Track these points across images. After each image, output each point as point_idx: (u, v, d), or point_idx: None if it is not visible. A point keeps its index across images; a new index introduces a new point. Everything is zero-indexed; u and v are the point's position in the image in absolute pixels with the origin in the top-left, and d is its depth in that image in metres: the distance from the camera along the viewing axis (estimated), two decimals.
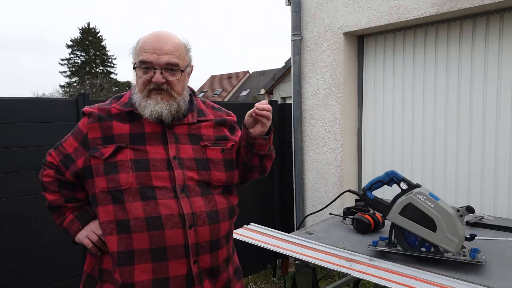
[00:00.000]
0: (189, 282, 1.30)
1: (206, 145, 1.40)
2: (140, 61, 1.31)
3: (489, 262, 1.56)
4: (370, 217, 1.98)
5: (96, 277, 1.37)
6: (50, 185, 1.43)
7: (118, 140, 1.33)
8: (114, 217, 1.28)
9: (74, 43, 39.75)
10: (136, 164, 1.30)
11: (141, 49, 1.32)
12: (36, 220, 2.69)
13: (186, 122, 1.40)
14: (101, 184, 1.30)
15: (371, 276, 1.49)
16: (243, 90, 29.19)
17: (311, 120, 3.90)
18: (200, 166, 1.36)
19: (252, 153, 1.43)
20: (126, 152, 1.31)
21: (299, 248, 1.79)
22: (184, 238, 1.28)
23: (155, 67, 1.30)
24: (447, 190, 3.29)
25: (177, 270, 1.28)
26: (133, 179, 1.28)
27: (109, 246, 1.30)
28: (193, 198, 1.31)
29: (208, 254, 1.33)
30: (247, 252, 2.07)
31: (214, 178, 1.38)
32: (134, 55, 1.35)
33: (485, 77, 3.06)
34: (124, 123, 1.36)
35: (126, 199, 1.27)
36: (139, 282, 1.26)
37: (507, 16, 2.93)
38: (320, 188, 3.90)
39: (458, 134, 3.21)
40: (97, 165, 1.31)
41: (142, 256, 1.26)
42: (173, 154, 1.34)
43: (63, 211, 1.44)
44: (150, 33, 1.36)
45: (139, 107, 1.33)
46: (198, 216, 1.30)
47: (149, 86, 1.32)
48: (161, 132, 1.35)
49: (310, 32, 3.83)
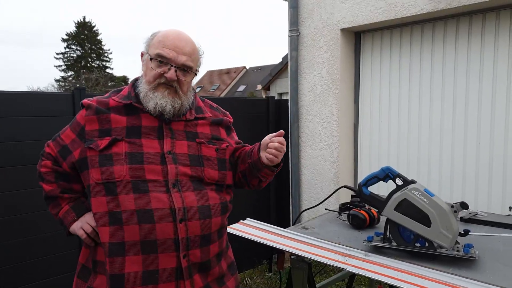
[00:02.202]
0: (178, 275, 1.31)
1: (201, 142, 1.42)
2: (159, 54, 1.33)
3: (482, 257, 1.58)
4: (366, 212, 1.99)
5: (90, 267, 1.39)
6: (47, 175, 1.44)
7: (114, 132, 1.34)
8: (107, 208, 1.29)
9: (70, 37, 39.44)
10: (130, 157, 1.31)
11: (161, 43, 1.34)
12: (32, 214, 2.68)
13: (183, 119, 1.41)
14: (95, 176, 1.31)
15: (366, 271, 1.50)
16: (240, 86, 29.12)
17: (308, 116, 3.91)
18: (193, 162, 1.38)
19: (254, 174, 1.47)
20: (122, 144, 1.32)
21: (295, 243, 1.80)
22: (174, 232, 1.29)
23: (171, 64, 1.33)
24: (442, 186, 3.32)
25: (166, 263, 1.29)
26: (126, 172, 1.29)
27: (101, 237, 1.31)
28: (185, 193, 1.32)
29: (198, 248, 1.34)
30: (243, 247, 2.08)
31: (207, 175, 1.39)
32: (151, 47, 1.36)
33: (480, 75, 3.08)
34: (121, 116, 1.36)
35: (119, 191, 1.28)
36: (129, 273, 1.27)
37: (503, 14, 2.94)
38: (316, 184, 3.91)
39: (453, 131, 3.23)
40: (92, 156, 1.32)
41: (133, 248, 1.27)
42: (167, 148, 1.35)
43: (59, 202, 1.45)
44: (171, 30, 1.38)
45: (144, 98, 1.35)
46: (189, 211, 1.31)
47: (159, 79, 1.34)
48: (158, 127, 1.37)
49: (307, 28, 3.83)
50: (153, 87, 1.34)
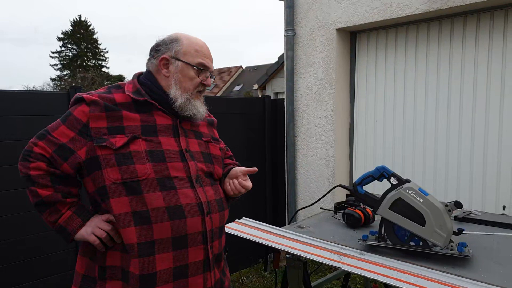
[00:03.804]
0: (205, 267, 1.36)
1: (208, 140, 1.51)
2: (201, 63, 1.41)
3: (476, 256, 1.59)
4: (361, 211, 2.00)
5: (95, 276, 1.31)
6: (40, 179, 1.28)
7: (129, 130, 1.30)
8: (130, 209, 1.26)
9: (66, 36, 39.18)
10: (151, 155, 1.31)
11: (200, 53, 1.41)
12: (25, 214, 2.67)
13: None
14: (113, 176, 1.25)
15: (360, 270, 1.51)
16: (236, 85, 29.08)
17: (304, 116, 3.92)
18: (206, 159, 1.46)
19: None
20: (139, 142, 1.30)
21: (291, 242, 1.80)
22: (202, 225, 1.34)
23: (210, 72, 1.45)
24: (436, 185, 3.33)
25: (195, 256, 1.33)
26: (150, 170, 1.28)
27: (127, 238, 1.26)
28: (206, 187, 1.40)
29: (217, 240, 1.42)
30: (238, 246, 2.09)
31: (216, 172, 1.48)
32: (186, 55, 1.40)
33: (475, 74, 3.10)
34: (133, 113, 1.33)
35: (144, 189, 1.26)
36: (160, 271, 1.28)
37: (497, 15, 2.96)
38: (311, 183, 3.92)
39: (448, 130, 3.25)
40: (106, 155, 1.26)
41: (163, 245, 1.28)
42: (184, 146, 1.40)
43: (58, 208, 1.31)
44: (195, 37, 1.45)
45: (181, 106, 1.39)
46: (211, 204, 1.38)
47: (199, 87, 1.43)
48: (172, 125, 1.40)
49: (303, 27, 3.83)
50: (194, 95, 1.42)
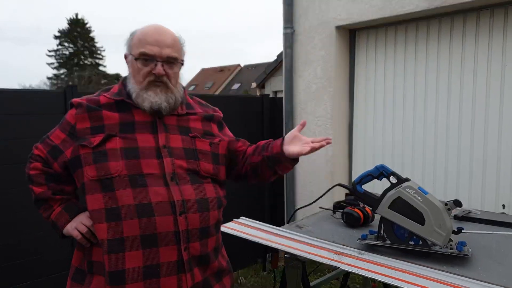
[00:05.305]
0: (179, 268, 1.31)
1: (195, 136, 1.43)
2: (142, 53, 1.32)
3: (475, 255, 1.59)
4: (360, 211, 1.99)
5: (85, 270, 1.36)
6: (37, 177, 1.41)
7: (108, 129, 1.33)
8: (103, 205, 1.27)
9: (62, 34, 39.05)
10: (125, 152, 1.30)
11: (142, 41, 1.33)
12: (23, 213, 2.65)
13: (175, 113, 1.42)
14: (90, 173, 1.29)
15: (360, 269, 1.50)
16: (235, 84, 29.05)
17: (302, 114, 3.90)
18: (189, 156, 1.38)
19: (269, 167, 1.50)
20: (116, 140, 1.31)
21: (289, 242, 1.79)
22: (175, 225, 1.29)
23: (157, 60, 1.33)
24: (436, 184, 3.33)
25: (168, 256, 1.29)
26: (122, 167, 1.28)
27: (99, 234, 1.29)
28: (182, 186, 1.33)
29: (198, 241, 1.35)
30: (237, 246, 2.07)
31: (203, 168, 1.40)
32: (132, 47, 1.36)
33: (475, 72, 3.09)
34: (113, 112, 1.36)
35: (116, 186, 1.27)
36: (130, 269, 1.26)
37: (497, 12, 2.95)
38: (310, 182, 3.91)
39: (448, 129, 3.25)
40: (85, 154, 1.31)
41: (133, 243, 1.26)
42: (162, 143, 1.35)
43: (50, 204, 1.42)
44: (148, 26, 1.37)
45: (137, 99, 1.34)
46: (188, 204, 1.32)
47: (149, 78, 1.34)
48: (151, 122, 1.37)
49: (302, 25, 3.81)
50: (144, 87, 1.34)
